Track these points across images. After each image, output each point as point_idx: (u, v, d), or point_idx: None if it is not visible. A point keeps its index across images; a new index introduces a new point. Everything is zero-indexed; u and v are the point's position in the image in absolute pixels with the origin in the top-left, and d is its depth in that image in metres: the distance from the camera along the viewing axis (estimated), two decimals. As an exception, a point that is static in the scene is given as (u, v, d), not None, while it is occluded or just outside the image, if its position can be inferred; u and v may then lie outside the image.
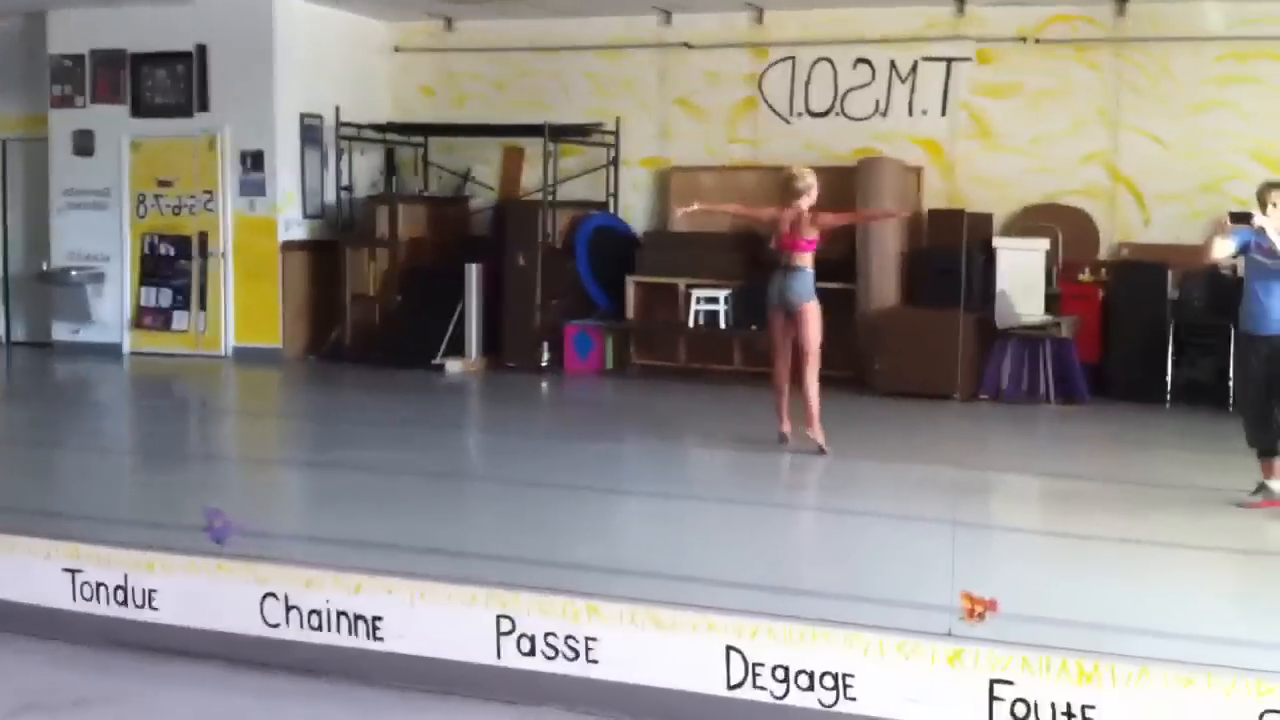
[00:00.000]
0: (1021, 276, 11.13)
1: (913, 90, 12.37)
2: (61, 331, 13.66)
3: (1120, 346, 10.95)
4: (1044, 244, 11.20)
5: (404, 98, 14.14)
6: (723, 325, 11.94)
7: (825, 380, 11.59)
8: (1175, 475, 8.14)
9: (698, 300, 11.98)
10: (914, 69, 12.34)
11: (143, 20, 13.00)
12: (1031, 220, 11.81)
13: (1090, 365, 10.96)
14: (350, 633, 4.27)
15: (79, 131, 13.42)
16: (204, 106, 12.96)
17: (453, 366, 12.17)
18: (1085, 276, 11.34)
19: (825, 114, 12.68)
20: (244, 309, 13.07)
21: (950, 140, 12.27)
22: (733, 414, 10.11)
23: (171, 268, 13.28)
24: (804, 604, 4.60)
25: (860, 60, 12.51)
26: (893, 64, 12.40)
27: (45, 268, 13.78)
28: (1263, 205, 6.86)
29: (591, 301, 12.66)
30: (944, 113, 12.28)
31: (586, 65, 13.41)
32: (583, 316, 12.60)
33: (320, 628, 4.28)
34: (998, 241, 11.39)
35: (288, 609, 4.31)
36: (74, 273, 13.43)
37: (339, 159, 13.14)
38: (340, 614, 4.27)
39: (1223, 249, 7.03)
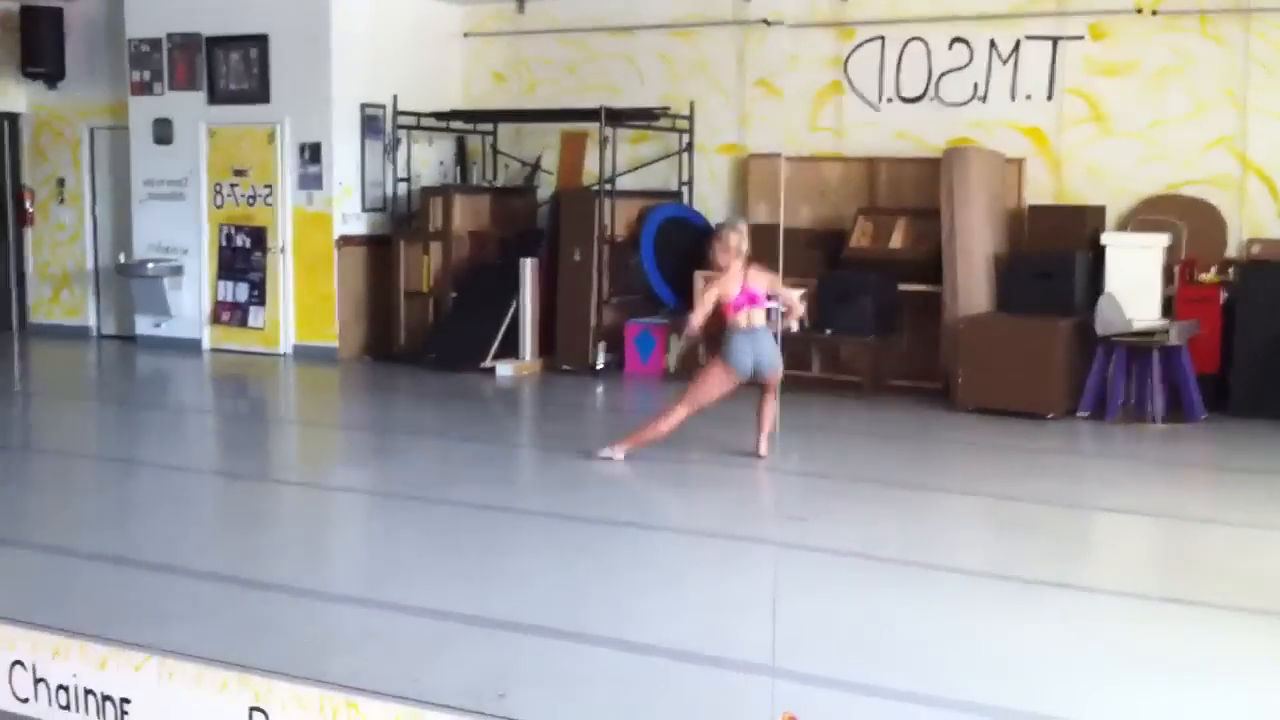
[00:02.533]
0: (1134, 278, 9.90)
1: (1015, 72, 11.16)
2: (144, 325, 13.25)
3: (1243, 356, 9.66)
4: (1162, 240, 9.97)
5: (475, 84, 13.41)
6: (794, 328, 10.86)
7: (907, 391, 10.77)
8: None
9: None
10: (1016, 48, 11.14)
11: (214, 1, 12.49)
12: (1150, 214, 10.55)
13: (1209, 377, 9.70)
14: (98, 715, 3.49)
15: (158, 120, 12.97)
16: (265, 98, 12.37)
17: (504, 370, 11.37)
18: (1207, 277, 10.05)
19: (917, 100, 11.55)
20: (303, 306, 12.47)
21: (1057, 127, 11.03)
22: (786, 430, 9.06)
23: (247, 261, 12.74)
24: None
25: (956, 40, 11.35)
26: (993, 43, 11.21)
27: (122, 260, 13.40)
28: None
29: (658, 299, 11.74)
30: (1050, 97, 11.05)
31: (661, 46, 12.50)
32: (648, 315, 11.70)
33: (69, 706, 3.51)
34: (1107, 238, 10.16)
35: (35, 682, 3.56)
36: (150, 265, 12.99)
37: (395, 149, 12.42)
38: (88, 691, 3.50)
39: None
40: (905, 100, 11.60)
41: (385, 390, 11.14)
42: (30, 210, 14.06)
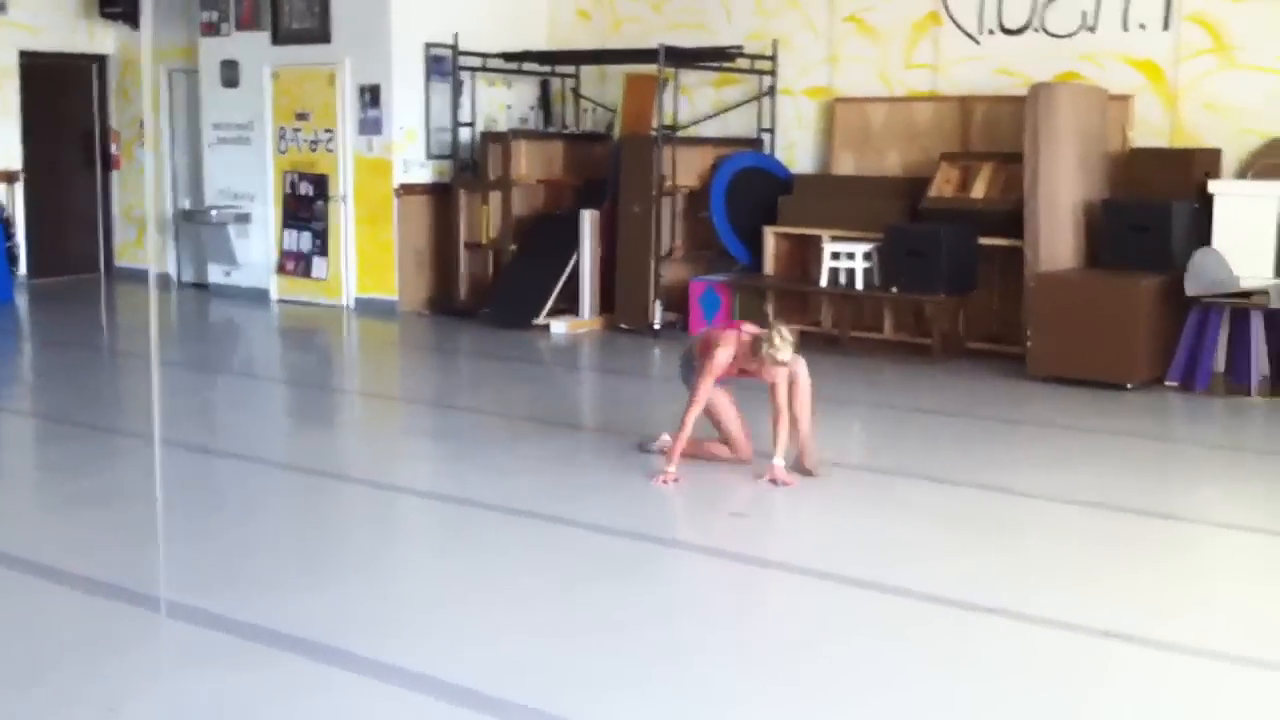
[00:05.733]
0: (1246, 231, 8.56)
1: (1128, -2, 9.82)
2: (215, 274, 13.04)
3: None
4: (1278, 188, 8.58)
5: (560, 23, 12.66)
6: (859, 285, 9.83)
7: (986, 355, 9.59)
8: None
9: (832, 256, 9.93)
10: (1130, -30, 9.79)
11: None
12: (1276, 158, 9.11)
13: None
14: None
15: (225, 61, 12.65)
16: (326, 37, 11.87)
17: (558, 327, 10.63)
18: (1333, 231, 8.61)
19: (1021, 31, 10.29)
20: (364, 258, 11.98)
21: (1174, 60, 9.64)
22: (831, 405, 7.98)
23: (310, 209, 12.32)
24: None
25: (1065, -38, 10.06)
26: (1104, -35, 9.89)
27: (187, 206, 13.20)
28: None
29: (730, 255, 10.81)
30: (1166, 25, 9.65)
31: (749, -21, 11.52)
32: (719, 272, 10.79)
33: None
34: (1215, 186, 8.80)
35: None
36: (214, 213, 12.71)
37: (459, 92, 11.75)
38: None
39: None
40: (1007, 32, 10.36)
41: (433, 351, 10.45)
42: (116, 153, 13.94)
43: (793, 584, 4.91)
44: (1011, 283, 9.57)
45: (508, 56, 11.71)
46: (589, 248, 10.80)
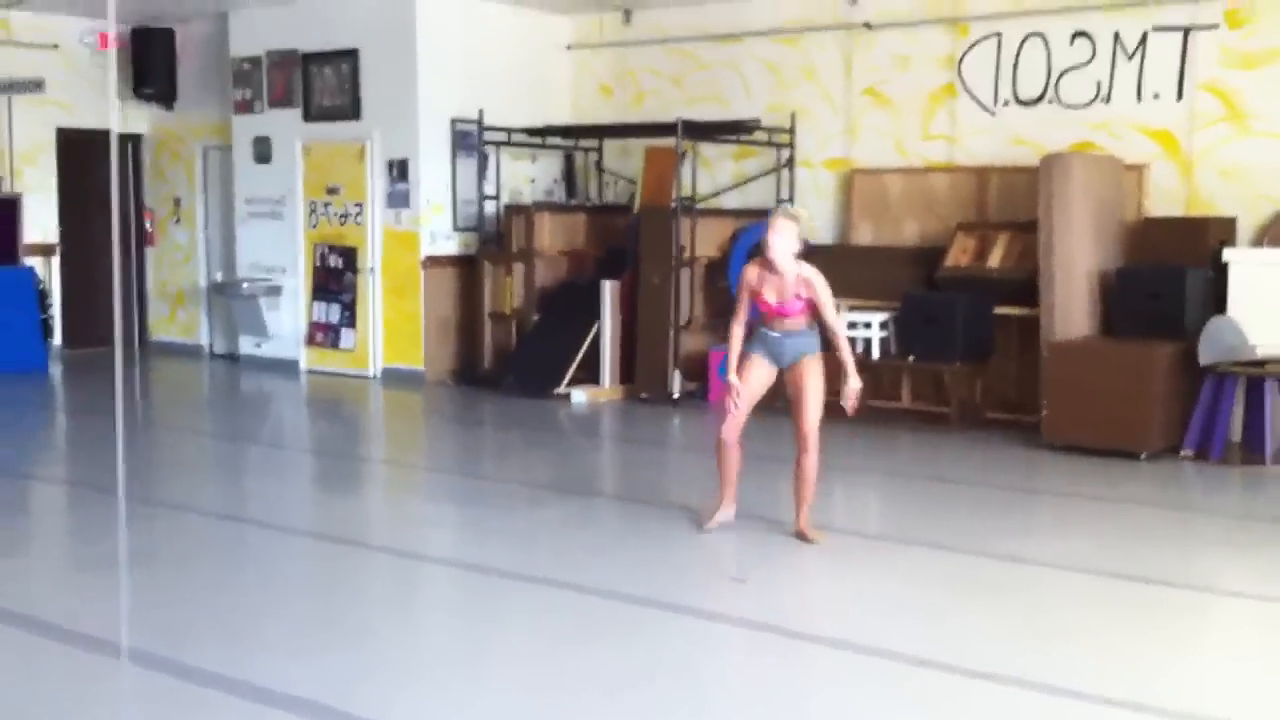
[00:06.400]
0: (1261, 299, 8.57)
1: (1141, 68, 9.90)
2: (246, 345, 13.25)
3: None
4: (1294, 255, 8.61)
5: (583, 98, 12.89)
6: (876, 354, 9.89)
7: (1003, 424, 9.59)
8: None
9: (849, 325, 9.99)
10: (1143, 41, 9.88)
11: (312, 16, 12.34)
12: (1292, 227, 9.15)
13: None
14: None
15: (258, 138, 12.93)
16: (356, 114, 12.13)
17: (578, 397, 10.73)
18: (1355, 298, 8.61)
19: (1036, 102, 10.39)
20: (391, 328, 12.15)
21: (1188, 129, 9.71)
22: (846, 473, 8.03)
23: (339, 281, 12.52)
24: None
25: (1078, 34, 10.16)
26: (1117, 37, 9.98)
27: (219, 279, 13.43)
28: None
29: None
30: (1180, 95, 9.73)
31: (765, 53, 11.69)
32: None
33: None
34: (1230, 254, 8.83)
35: None
36: (245, 285, 12.95)
37: (484, 166, 11.96)
38: None
39: None
40: (1022, 103, 10.47)
41: (456, 421, 10.54)
42: (150, 230, 14.24)
43: (790, 648, 4.93)
44: (1029, 351, 9.59)
45: (531, 131, 11.91)
46: (609, 317, 10.92)
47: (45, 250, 13.25)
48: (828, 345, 6.42)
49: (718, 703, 4.36)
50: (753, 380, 6.39)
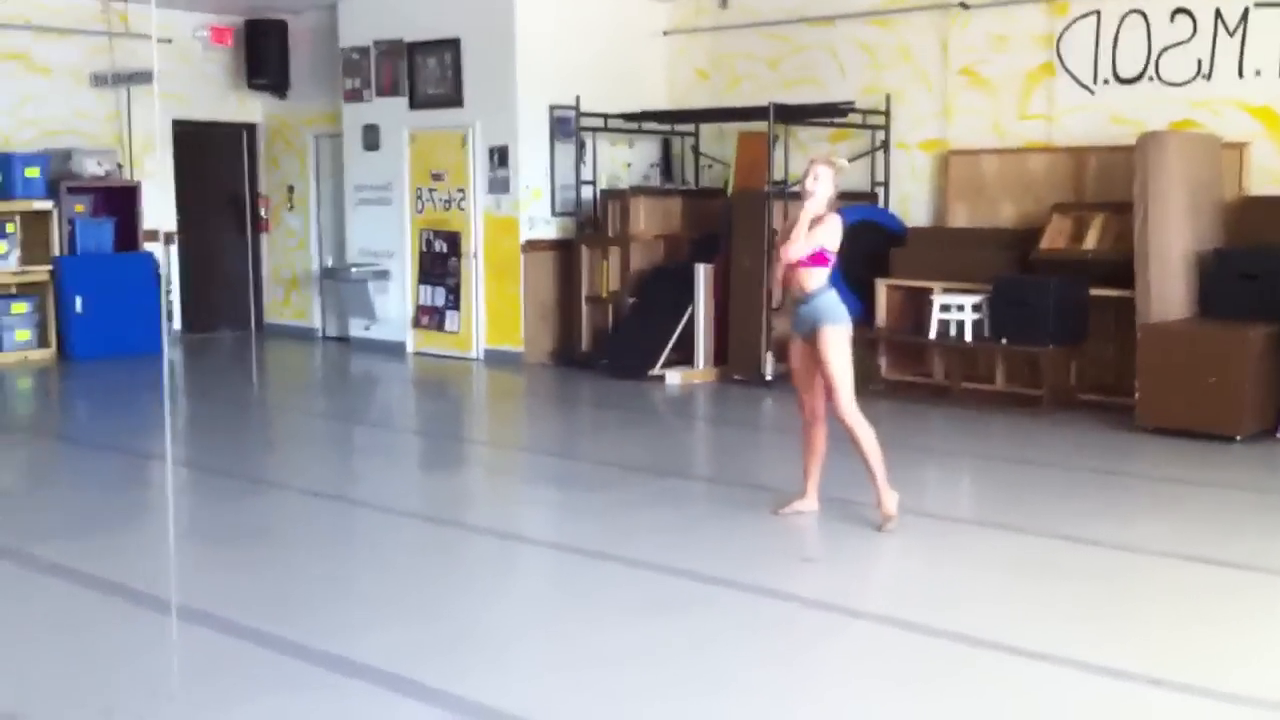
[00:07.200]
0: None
1: (1243, 45, 9.74)
2: (355, 328, 13.64)
3: None
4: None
5: (678, 83, 13.01)
6: (968, 337, 9.89)
7: (1097, 407, 9.52)
8: None
9: (941, 308, 10.01)
10: (1244, 18, 9.71)
11: (417, 6, 12.63)
12: (1400, 205, 8.95)
13: None
14: None
15: (367, 126, 13.28)
16: (459, 101, 12.41)
17: (672, 379, 10.89)
18: None
19: (1135, 80, 10.28)
20: (492, 311, 12.43)
21: (1292, 105, 9.55)
22: (935, 456, 8.09)
23: (444, 266, 12.83)
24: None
25: (1179, 11, 10.02)
26: (1218, 13, 9.83)
27: (330, 264, 13.83)
28: None
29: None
30: (1283, 70, 9.58)
31: (860, 35, 11.70)
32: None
33: None
34: (1332, 234, 8.69)
35: None
36: (354, 270, 13.33)
37: (581, 151, 12.15)
38: None
39: None
40: (1122, 81, 10.35)
41: (554, 402, 10.82)
42: (265, 217, 14.70)
43: (859, 629, 5.05)
44: (1125, 333, 9.51)
45: (628, 117, 12.07)
46: (704, 300, 11.06)
47: (165, 237, 13.77)
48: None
49: (784, 680, 4.49)
50: (794, 360, 6.46)
